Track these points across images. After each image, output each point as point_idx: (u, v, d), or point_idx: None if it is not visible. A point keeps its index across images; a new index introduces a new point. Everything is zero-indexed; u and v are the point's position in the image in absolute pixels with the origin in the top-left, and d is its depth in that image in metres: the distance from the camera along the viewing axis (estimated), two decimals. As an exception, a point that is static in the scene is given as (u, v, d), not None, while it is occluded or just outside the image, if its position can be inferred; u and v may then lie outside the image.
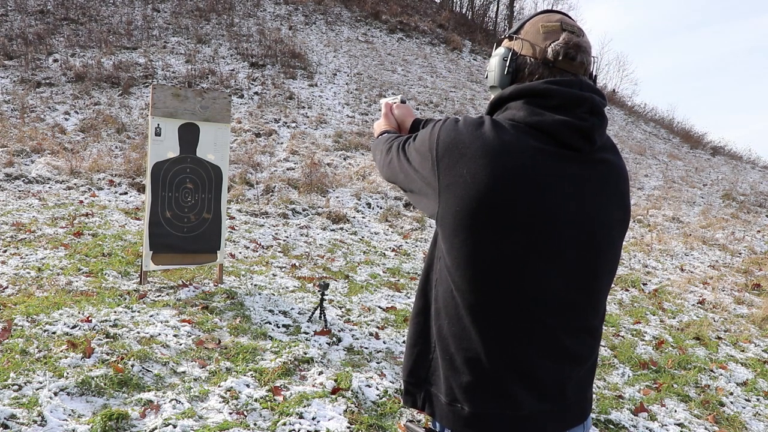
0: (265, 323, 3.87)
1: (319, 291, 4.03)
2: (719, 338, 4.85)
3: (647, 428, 3.20)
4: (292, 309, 4.19)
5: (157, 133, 4.20)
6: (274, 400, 2.87)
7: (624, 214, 1.22)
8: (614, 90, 24.66)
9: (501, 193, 1.06)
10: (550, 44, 1.16)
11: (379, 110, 1.73)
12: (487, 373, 1.12)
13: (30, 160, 7.93)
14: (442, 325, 1.18)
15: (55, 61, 12.22)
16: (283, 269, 5.23)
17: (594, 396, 3.46)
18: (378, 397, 3.05)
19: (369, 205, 8.07)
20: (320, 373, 3.20)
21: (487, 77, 1.30)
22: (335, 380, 3.12)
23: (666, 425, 3.26)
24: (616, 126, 18.09)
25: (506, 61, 1.21)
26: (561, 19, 1.19)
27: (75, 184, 7.32)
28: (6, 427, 2.40)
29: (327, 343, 3.68)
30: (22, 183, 7.15)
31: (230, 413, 2.72)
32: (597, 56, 1.25)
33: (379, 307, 4.54)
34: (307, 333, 3.80)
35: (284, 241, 6.20)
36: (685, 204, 11.13)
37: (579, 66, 1.18)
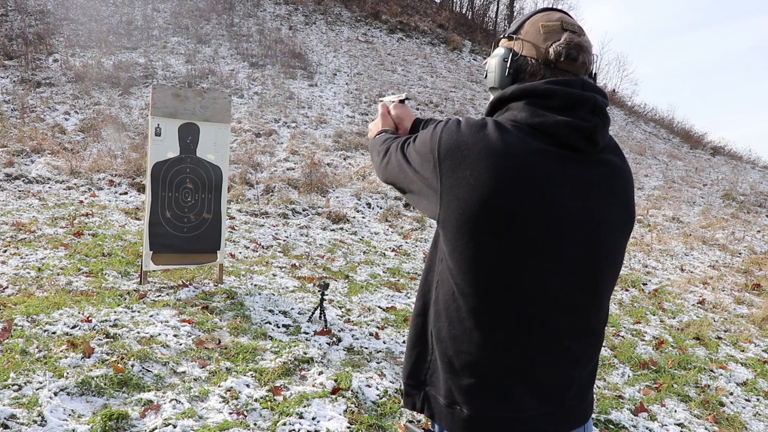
0: (265, 323, 3.86)
1: (319, 291, 4.03)
2: (719, 338, 4.85)
3: (647, 428, 3.20)
4: (292, 309, 4.19)
5: (157, 133, 4.20)
6: (274, 400, 2.87)
7: (628, 215, 1.21)
8: (614, 90, 24.66)
9: (504, 195, 1.05)
10: (552, 44, 1.15)
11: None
12: (488, 376, 1.12)
13: (30, 160, 7.93)
14: (441, 327, 1.17)
15: (55, 61, 12.22)
16: (283, 269, 5.23)
17: (594, 396, 3.46)
18: (378, 397, 3.05)
19: (369, 205, 8.07)
20: (320, 373, 3.20)
21: (486, 77, 1.28)
22: (335, 380, 3.12)
23: (666, 425, 3.26)
24: (616, 126, 18.09)
25: (507, 62, 1.20)
26: (561, 18, 1.18)
27: (75, 184, 7.32)
28: (6, 427, 2.40)
29: (327, 343, 3.68)
30: (22, 183, 7.15)
31: (230, 413, 2.72)
32: (597, 55, 1.24)
33: (379, 307, 4.54)
34: (307, 333, 3.80)
35: (284, 241, 6.20)
36: (685, 204, 11.13)
37: (581, 66, 1.17)
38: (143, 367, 3.02)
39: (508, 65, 1.19)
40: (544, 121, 1.11)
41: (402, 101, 1.66)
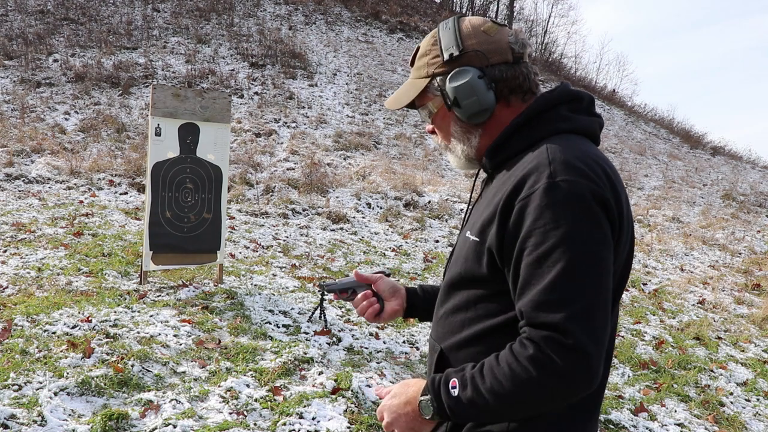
0: (265, 323, 3.86)
1: (319, 291, 4.03)
2: (719, 338, 4.85)
3: (647, 428, 3.20)
4: (292, 309, 4.19)
5: (157, 133, 4.20)
6: (274, 400, 2.87)
7: None
8: (614, 90, 24.66)
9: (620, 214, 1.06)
10: (509, 42, 1.12)
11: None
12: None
13: (30, 160, 7.93)
14: None
15: (55, 61, 12.22)
16: (283, 269, 5.23)
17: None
18: (378, 397, 3.05)
19: (369, 205, 8.07)
20: (320, 373, 3.20)
21: (462, 108, 1.12)
22: (335, 380, 3.11)
23: (666, 425, 3.26)
24: (616, 126, 18.09)
25: (482, 79, 1.11)
26: (485, 19, 1.17)
27: (75, 184, 7.32)
28: (6, 427, 2.40)
29: (327, 343, 3.68)
30: (22, 183, 7.15)
31: (230, 413, 2.72)
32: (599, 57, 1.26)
33: (379, 307, 4.53)
34: (307, 333, 3.80)
35: (284, 241, 6.20)
36: (685, 204, 11.13)
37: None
38: (143, 367, 3.02)
39: (486, 81, 1.11)
40: (588, 124, 1.13)
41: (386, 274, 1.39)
